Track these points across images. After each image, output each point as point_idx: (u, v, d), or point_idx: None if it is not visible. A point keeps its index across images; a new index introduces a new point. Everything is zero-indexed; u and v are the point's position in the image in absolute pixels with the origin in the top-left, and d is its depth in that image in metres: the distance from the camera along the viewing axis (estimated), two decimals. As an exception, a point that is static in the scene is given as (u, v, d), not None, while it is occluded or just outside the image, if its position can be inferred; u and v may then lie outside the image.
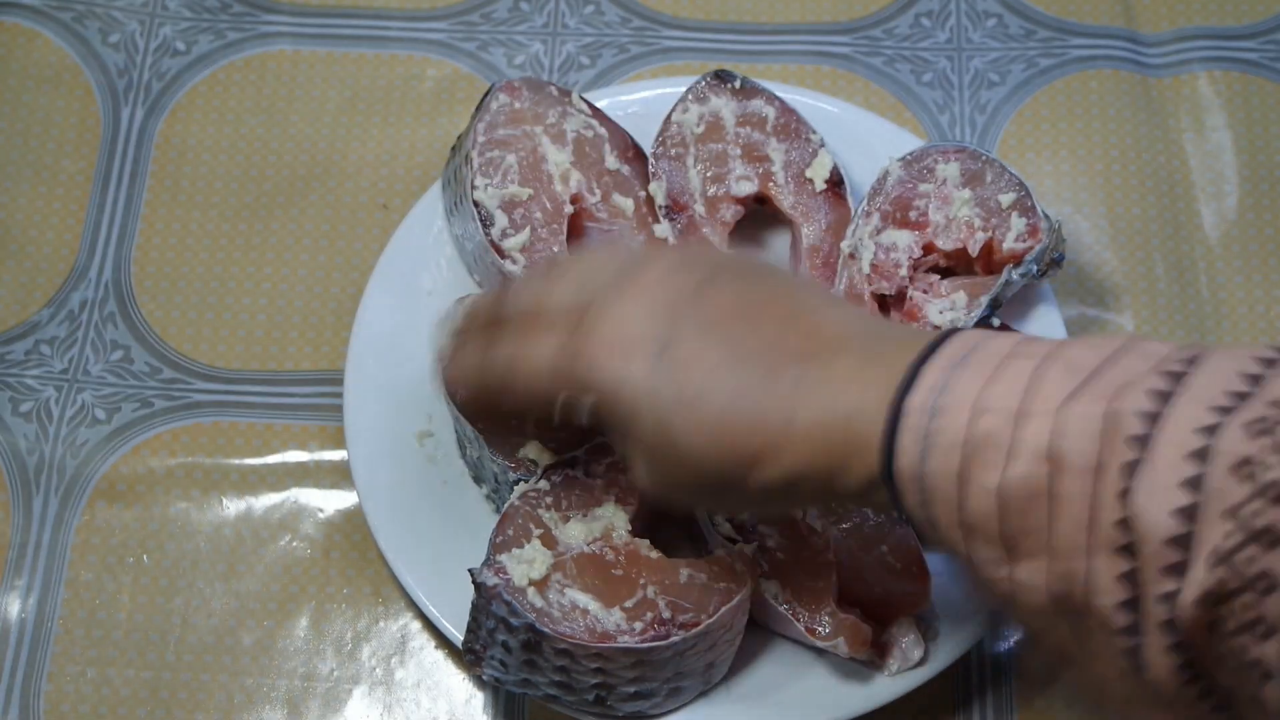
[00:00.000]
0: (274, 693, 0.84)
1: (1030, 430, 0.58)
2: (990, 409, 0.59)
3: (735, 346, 0.65)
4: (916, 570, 0.80)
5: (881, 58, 1.00)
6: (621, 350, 0.66)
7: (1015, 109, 0.98)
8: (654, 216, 0.90)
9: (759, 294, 0.68)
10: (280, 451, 0.90)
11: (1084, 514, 0.56)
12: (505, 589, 0.75)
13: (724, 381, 0.64)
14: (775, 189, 0.90)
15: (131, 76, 0.99)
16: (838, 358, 0.64)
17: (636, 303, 0.67)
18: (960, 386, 0.60)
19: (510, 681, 0.78)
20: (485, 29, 1.01)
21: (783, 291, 0.68)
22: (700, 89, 0.91)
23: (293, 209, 0.96)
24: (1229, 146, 0.97)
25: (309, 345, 0.92)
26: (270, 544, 0.87)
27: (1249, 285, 0.94)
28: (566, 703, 0.78)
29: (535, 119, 0.89)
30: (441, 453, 0.87)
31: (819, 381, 0.63)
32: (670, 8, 1.02)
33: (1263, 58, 1.00)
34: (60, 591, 0.86)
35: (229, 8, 1.01)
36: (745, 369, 0.64)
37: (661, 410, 0.65)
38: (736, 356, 0.65)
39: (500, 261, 0.86)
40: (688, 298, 0.66)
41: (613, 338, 0.66)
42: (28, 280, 0.94)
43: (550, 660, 0.76)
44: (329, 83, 1.00)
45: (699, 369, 0.65)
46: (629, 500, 0.80)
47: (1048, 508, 0.57)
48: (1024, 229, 0.86)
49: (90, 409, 0.90)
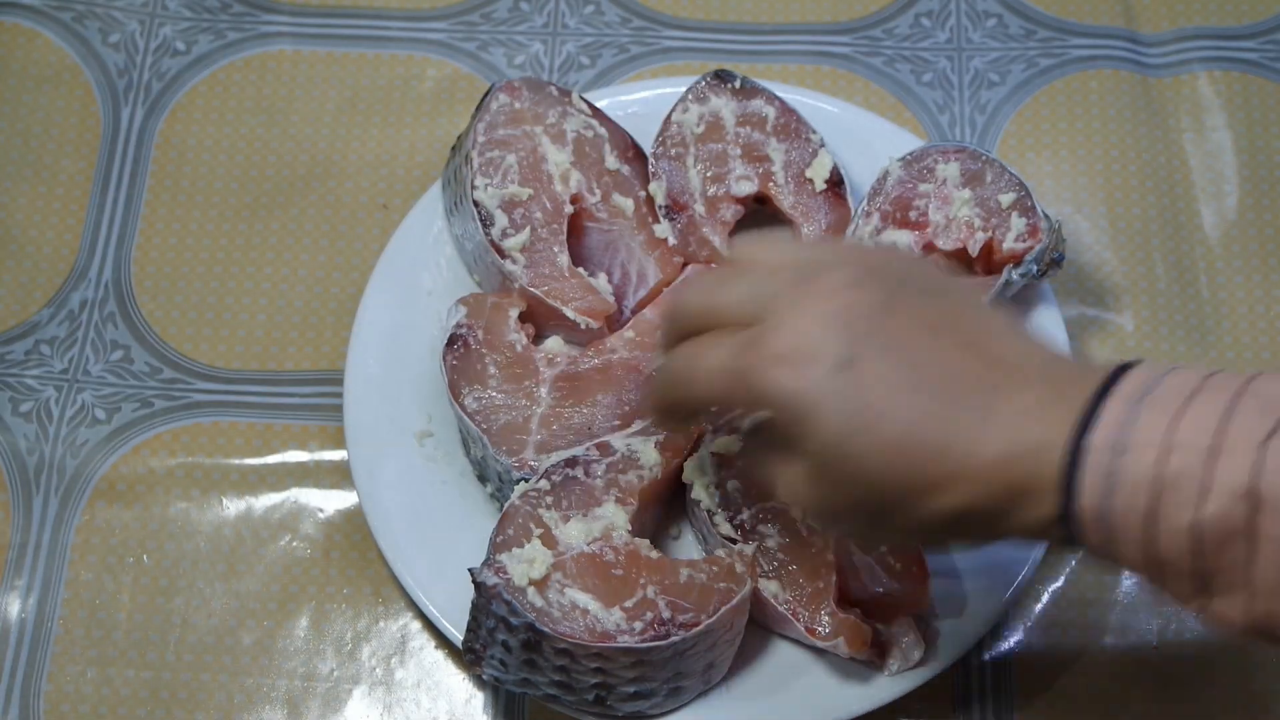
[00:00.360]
0: (274, 693, 0.84)
1: (1226, 467, 0.57)
2: (1181, 446, 0.58)
3: (919, 370, 0.63)
4: (916, 570, 0.80)
5: (881, 58, 1.00)
6: (800, 365, 0.63)
7: (1015, 109, 0.98)
8: (654, 216, 0.90)
9: (942, 314, 0.65)
10: (280, 451, 0.90)
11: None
12: (505, 588, 0.75)
13: (907, 405, 0.62)
14: (775, 189, 0.90)
15: (131, 76, 0.99)
16: (1020, 390, 0.62)
17: (815, 316, 0.64)
18: (1146, 423, 0.59)
19: (510, 681, 0.78)
20: (485, 29, 1.01)
21: (966, 312, 0.66)
22: (700, 89, 0.91)
23: (293, 209, 0.96)
24: (1229, 146, 0.97)
25: (309, 345, 0.92)
26: (270, 544, 0.87)
27: (1249, 285, 0.94)
28: (566, 703, 0.78)
29: (535, 119, 0.89)
30: (441, 453, 0.87)
31: (1003, 414, 0.62)
32: (670, 8, 1.02)
33: (1263, 58, 1.00)
34: (60, 591, 0.86)
35: (229, 8, 1.01)
36: (929, 394, 0.62)
37: (839, 427, 0.62)
38: (920, 380, 0.62)
39: (500, 261, 0.86)
40: (870, 315, 0.64)
41: (790, 351, 0.64)
42: (28, 280, 0.94)
43: (550, 660, 0.76)
44: (329, 83, 1.00)
45: (882, 389, 0.62)
46: (629, 500, 0.80)
47: (1245, 547, 0.57)
48: (1024, 229, 0.86)
49: (90, 409, 0.90)
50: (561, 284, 0.87)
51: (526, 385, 0.84)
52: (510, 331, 0.86)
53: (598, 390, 0.84)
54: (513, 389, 0.84)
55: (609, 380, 0.85)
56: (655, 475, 0.81)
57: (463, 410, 0.83)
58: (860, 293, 0.65)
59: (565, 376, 0.85)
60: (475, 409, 0.83)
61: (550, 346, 0.87)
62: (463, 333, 0.85)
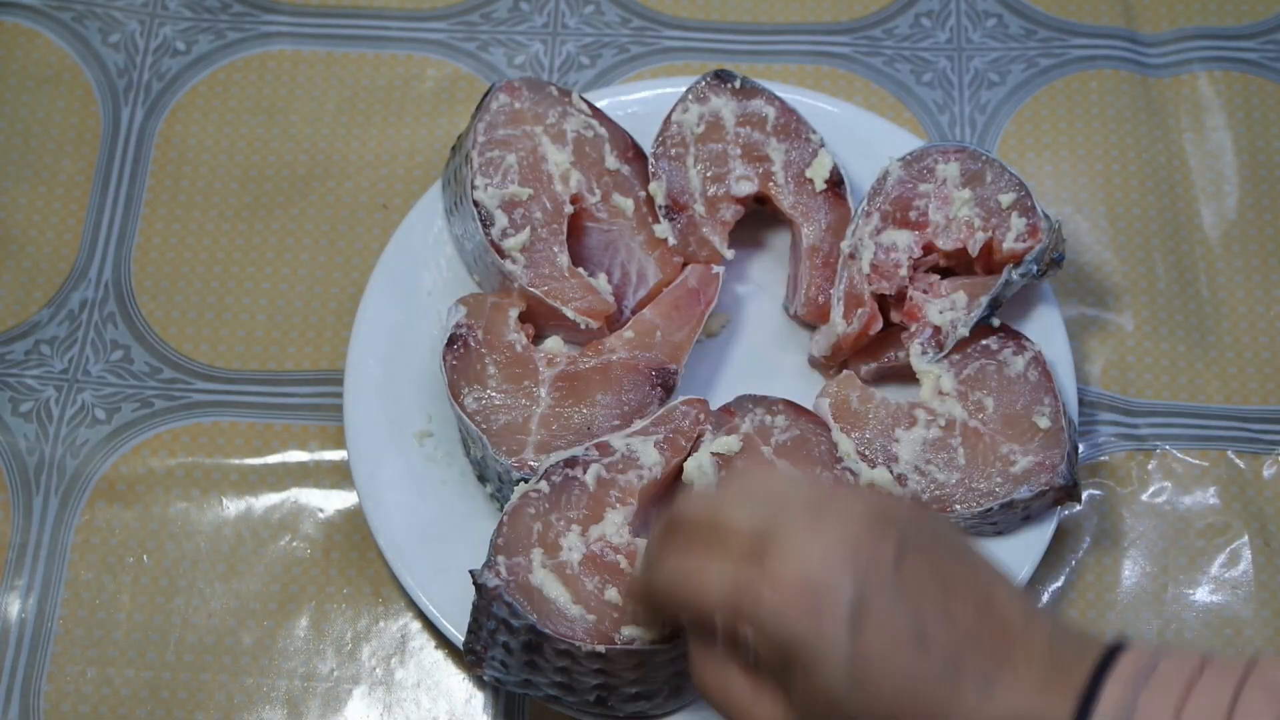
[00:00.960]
0: (274, 693, 0.84)
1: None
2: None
3: (927, 626, 0.62)
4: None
5: (881, 58, 1.00)
6: (810, 603, 0.62)
7: (1015, 109, 0.98)
8: (654, 216, 0.90)
9: (953, 572, 0.64)
10: (280, 451, 0.90)
11: None
12: (506, 590, 0.75)
13: (911, 664, 0.61)
14: (775, 189, 0.90)
15: (131, 76, 0.99)
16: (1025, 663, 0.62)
17: (825, 550, 0.63)
18: (1150, 709, 0.59)
19: (511, 682, 0.78)
20: (485, 29, 1.01)
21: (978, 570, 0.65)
22: (700, 89, 0.91)
23: (293, 209, 0.96)
24: (1229, 146, 0.97)
25: (309, 345, 0.92)
26: (270, 544, 0.87)
27: (1249, 285, 0.94)
28: (568, 704, 0.78)
29: (535, 119, 0.89)
30: (441, 453, 0.87)
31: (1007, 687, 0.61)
32: (670, 8, 1.02)
33: (1263, 58, 1.00)
34: (60, 591, 0.86)
35: (229, 8, 1.01)
36: (933, 657, 0.61)
37: (840, 681, 0.62)
38: (926, 640, 0.61)
39: (500, 261, 0.86)
40: (881, 560, 0.62)
41: (799, 586, 0.62)
42: (28, 280, 0.94)
43: (551, 661, 0.76)
44: (329, 83, 1.00)
45: (887, 644, 0.61)
46: (629, 500, 0.80)
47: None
48: (1024, 229, 0.86)
49: (90, 409, 0.90)
50: (561, 284, 0.87)
51: (526, 385, 0.84)
52: (510, 331, 0.86)
53: (597, 390, 0.84)
54: (512, 389, 0.84)
55: (608, 380, 0.85)
56: (655, 475, 0.81)
57: (462, 410, 0.83)
58: (872, 533, 0.63)
59: (565, 376, 0.85)
60: (475, 409, 0.83)
61: (550, 346, 0.87)
62: (462, 333, 0.85)
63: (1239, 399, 0.91)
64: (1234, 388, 0.91)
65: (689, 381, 0.87)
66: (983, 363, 0.86)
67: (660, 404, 0.84)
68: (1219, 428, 0.90)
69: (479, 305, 0.86)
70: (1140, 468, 0.89)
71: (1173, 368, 0.92)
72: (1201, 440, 0.90)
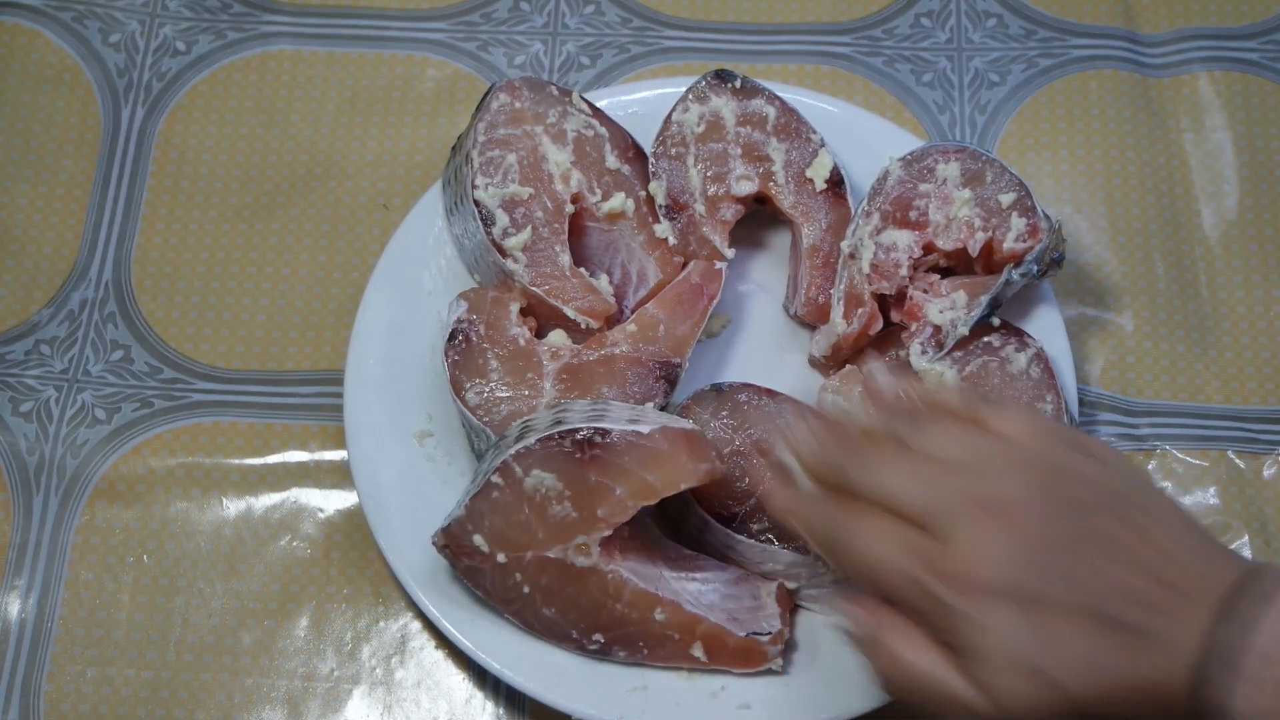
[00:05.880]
0: (274, 693, 0.84)
1: None
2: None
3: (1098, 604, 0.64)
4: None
5: (881, 58, 1.00)
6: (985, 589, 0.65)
7: (1015, 109, 0.98)
8: (654, 216, 0.90)
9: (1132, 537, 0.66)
10: (280, 451, 0.90)
11: None
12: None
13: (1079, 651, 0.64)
14: (775, 189, 0.90)
15: (131, 76, 0.99)
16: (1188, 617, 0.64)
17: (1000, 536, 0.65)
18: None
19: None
20: (485, 29, 1.01)
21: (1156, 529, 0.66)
22: (700, 89, 0.91)
23: (293, 209, 0.96)
24: (1229, 146, 0.97)
25: (309, 345, 0.92)
26: (270, 544, 0.87)
27: (1249, 285, 0.94)
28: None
29: (536, 119, 0.89)
30: (441, 452, 0.87)
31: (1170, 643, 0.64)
32: (670, 8, 1.02)
33: (1263, 58, 1.00)
34: (60, 591, 0.86)
35: (229, 8, 1.01)
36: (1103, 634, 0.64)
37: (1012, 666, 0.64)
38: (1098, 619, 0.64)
39: (501, 261, 0.86)
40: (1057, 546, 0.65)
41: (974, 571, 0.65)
42: (28, 280, 0.94)
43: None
44: (329, 83, 1.00)
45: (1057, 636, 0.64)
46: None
47: None
48: (1024, 229, 0.86)
49: (90, 409, 0.90)
50: (563, 283, 0.87)
51: (529, 378, 0.84)
52: (512, 326, 0.85)
53: (601, 383, 0.84)
54: (515, 382, 0.84)
55: (612, 373, 0.85)
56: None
57: (464, 405, 0.83)
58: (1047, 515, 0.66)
59: (568, 369, 0.85)
60: (477, 403, 0.83)
61: (553, 340, 0.86)
62: (464, 327, 0.84)
63: (1239, 399, 0.91)
64: (1234, 388, 0.91)
65: (689, 381, 0.87)
66: (985, 360, 0.86)
67: (664, 397, 0.84)
68: (1219, 428, 0.90)
69: (480, 300, 0.86)
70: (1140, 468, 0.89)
71: (1172, 368, 0.92)
72: (1201, 440, 0.90)
